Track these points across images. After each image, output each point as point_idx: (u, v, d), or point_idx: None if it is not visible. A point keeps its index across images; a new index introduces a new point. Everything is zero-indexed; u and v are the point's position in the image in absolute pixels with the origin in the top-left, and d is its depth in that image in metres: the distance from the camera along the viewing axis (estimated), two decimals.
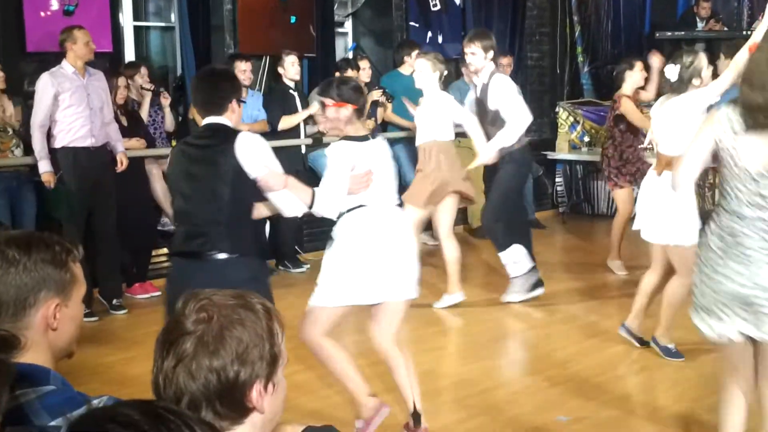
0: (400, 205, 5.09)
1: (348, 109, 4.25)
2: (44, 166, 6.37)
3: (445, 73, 6.86)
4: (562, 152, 10.68)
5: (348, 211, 4.26)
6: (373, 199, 4.28)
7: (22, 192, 6.54)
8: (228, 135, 3.98)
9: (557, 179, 10.89)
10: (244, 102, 4.24)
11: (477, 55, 6.63)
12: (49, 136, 6.42)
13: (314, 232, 8.68)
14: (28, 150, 6.46)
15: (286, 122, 7.84)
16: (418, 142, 6.84)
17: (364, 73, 8.55)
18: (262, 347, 1.72)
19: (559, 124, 10.78)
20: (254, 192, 3.99)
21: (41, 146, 6.35)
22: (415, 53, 8.41)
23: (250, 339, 1.71)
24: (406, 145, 8.35)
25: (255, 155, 3.93)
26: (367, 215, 4.28)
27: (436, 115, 6.71)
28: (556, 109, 10.87)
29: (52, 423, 1.93)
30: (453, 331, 6.57)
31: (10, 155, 6.44)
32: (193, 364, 1.68)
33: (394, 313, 4.37)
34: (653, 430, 4.64)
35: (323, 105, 4.30)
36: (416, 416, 4.37)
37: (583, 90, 11.22)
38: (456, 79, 9.79)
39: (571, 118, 10.67)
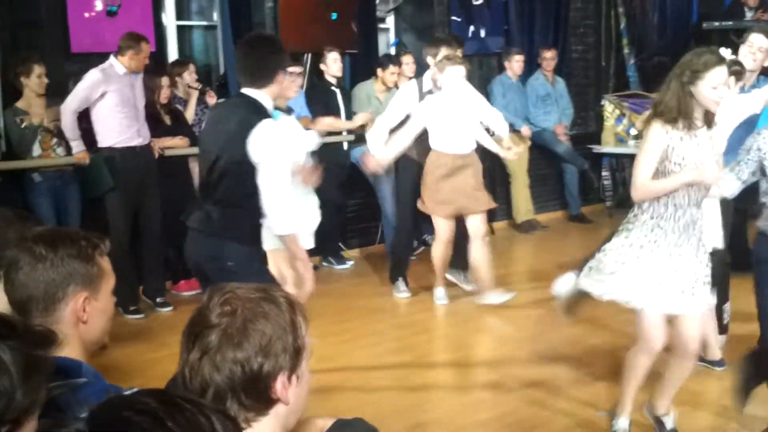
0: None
1: None
2: (77, 146, 6.45)
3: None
4: (608, 146, 10.57)
5: None
6: None
7: (66, 191, 6.60)
8: (254, 116, 3.97)
9: (603, 173, 10.77)
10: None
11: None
12: (91, 134, 6.52)
13: (358, 228, 8.70)
14: (70, 150, 6.53)
15: (323, 125, 7.83)
16: (458, 149, 6.64)
17: (408, 68, 8.51)
18: (285, 340, 1.73)
19: (604, 117, 10.67)
20: (254, 180, 3.97)
21: (73, 129, 6.41)
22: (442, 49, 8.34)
23: (273, 331, 1.72)
24: None
25: (266, 144, 3.92)
26: None
27: (471, 125, 6.66)
28: (602, 102, 10.76)
29: (85, 415, 1.95)
30: (496, 326, 6.53)
31: (52, 154, 6.52)
32: (218, 357, 1.70)
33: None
34: (697, 425, 4.57)
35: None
36: None
37: (629, 82, 11.07)
38: (499, 74, 9.74)
39: (617, 111, 10.55)
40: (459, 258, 7.01)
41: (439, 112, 6.55)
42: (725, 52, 4.95)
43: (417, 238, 8.38)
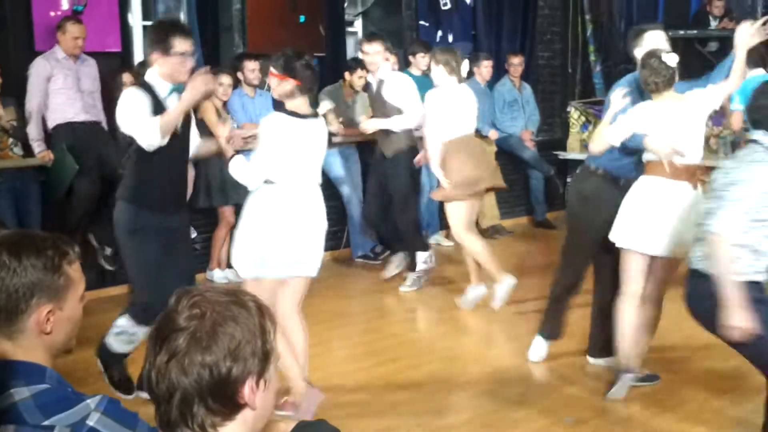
0: None
1: (290, 84, 4.40)
2: (39, 146, 6.53)
3: (466, 64, 7.03)
4: (573, 152, 10.60)
5: (264, 185, 4.44)
6: (289, 177, 4.43)
7: (26, 191, 6.57)
8: (125, 90, 4.60)
9: (569, 179, 10.82)
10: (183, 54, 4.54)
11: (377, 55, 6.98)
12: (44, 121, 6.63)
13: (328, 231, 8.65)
14: (28, 149, 6.54)
15: None
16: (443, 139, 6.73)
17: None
18: (254, 344, 1.71)
19: (570, 124, 10.73)
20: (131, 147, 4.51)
21: (37, 130, 6.55)
22: (420, 55, 8.35)
23: (242, 335, 1.70)
24: None
25: (122, 111, 4.46)
26: (279, 192, 4.43)
27: (456, 109, 6.69)
28: (568, 109, 10.82)
29: (46, 422, 1.94)
30: (458, 331, 6.52)
31: (10, 153, 6.49)
32: (186, 360, 1.67)
33: (297, 289, 4.63)
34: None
35: (269, 74, 4.52)
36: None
37: (595, 89, 11.16)
38: (467, 79, 9.76)
39: (583, 118, 10.61)
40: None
41: (455, 101, 6.67)
42: (671, 58, 4.81)
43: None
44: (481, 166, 6.66)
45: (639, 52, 4.96)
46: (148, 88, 4.51)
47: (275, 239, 4.42)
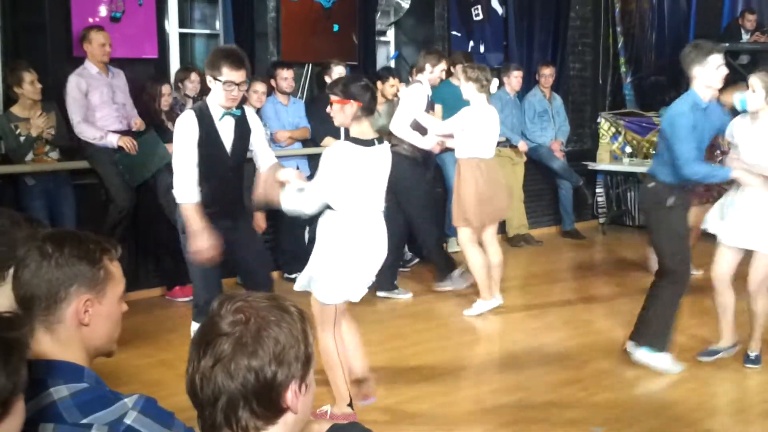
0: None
1: (353, 107, 4.35)
2: (112, 137, 6.74)
3: (495, 82, 6.99)
4: (603, 163, 10.64)
5: (329, 211, 4.43)
6: (356, 205, 4.40)
7: (60, 194, 6.67)
8: None
9: (597, 190, 10.84)
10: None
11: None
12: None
13: None
14: (64, 153, 6.66)
15: (328, 143, 7.91)
16: (459, 156, 6.86)
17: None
18: (297, 348, 1.74)
19: (600, 135, 10.75)
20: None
21: (96, 131, 6.72)
22: (460, 66, 8.39)
23: (286, 340, 1.73)
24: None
25: (175, 144, 4.76)
26: (346, 220, 4.40)
27: (480, 129, 6.75)
28: (598, 120, 10.84)
29: (84, 421, 1.98)
30: (486, 340, 6.56)
31: (44, 158, 6.59)
32: (232, 365, 1.70)
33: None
34: None
35: (330, 102, 4.41)
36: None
37: (626, 101, 11.16)
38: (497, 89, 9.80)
39: (613, 129, 10.62)
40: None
41: (480, 119, 6.74)
42: None
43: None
44: (491, 193, 6.76)
45: (699, 71, 5.05)
46: (204, 111, 4.70)
47: (340, 267, 4.42)
